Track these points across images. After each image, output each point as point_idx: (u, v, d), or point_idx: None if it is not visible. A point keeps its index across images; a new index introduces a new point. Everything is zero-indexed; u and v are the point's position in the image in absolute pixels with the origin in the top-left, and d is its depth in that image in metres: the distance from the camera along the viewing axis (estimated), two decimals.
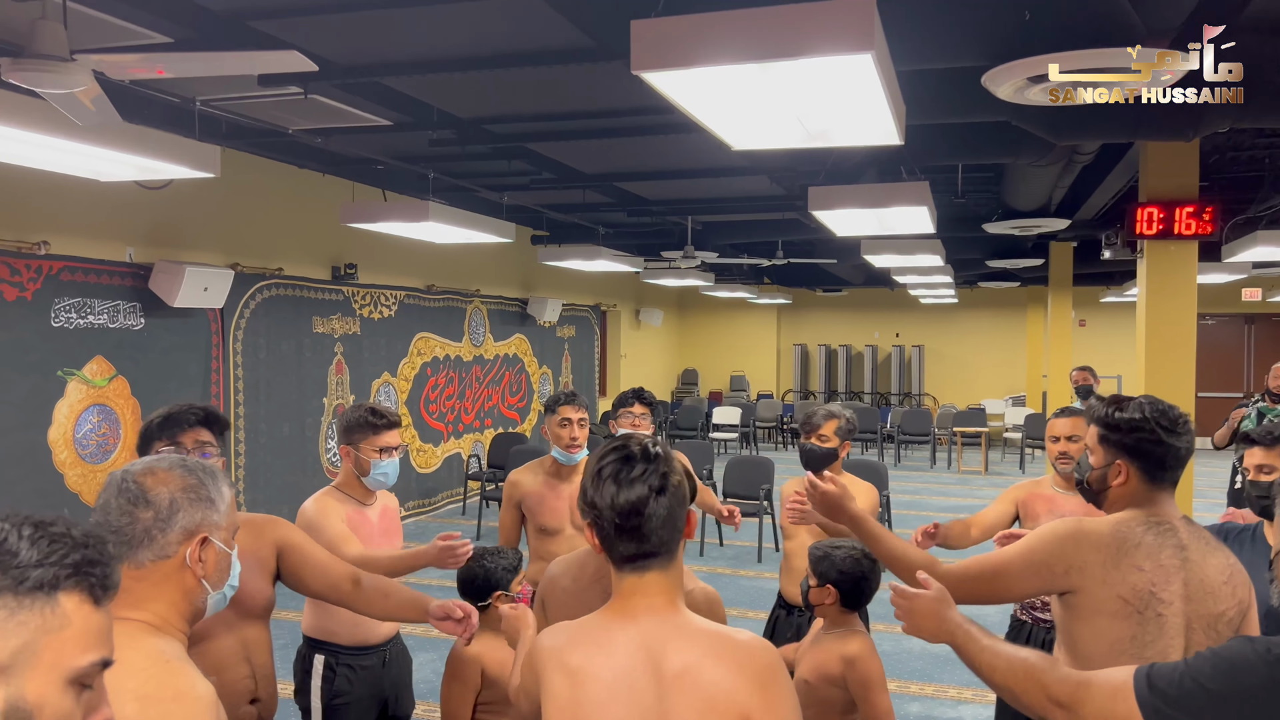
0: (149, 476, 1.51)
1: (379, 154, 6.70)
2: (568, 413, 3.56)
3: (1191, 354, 5.78)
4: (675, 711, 1.46)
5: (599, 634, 1.55)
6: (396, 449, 3.02)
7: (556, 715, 1.52)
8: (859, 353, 17.80)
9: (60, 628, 0.84)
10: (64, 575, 0.84)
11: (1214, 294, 13.65)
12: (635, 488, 1.50)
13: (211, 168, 4.41)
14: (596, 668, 1.51)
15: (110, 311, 6.16)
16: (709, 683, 1.46)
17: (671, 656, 1.49)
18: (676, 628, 1.51)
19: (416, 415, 9.58)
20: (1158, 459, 2.07)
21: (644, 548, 1.52)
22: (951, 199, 7.97)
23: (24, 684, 0.81)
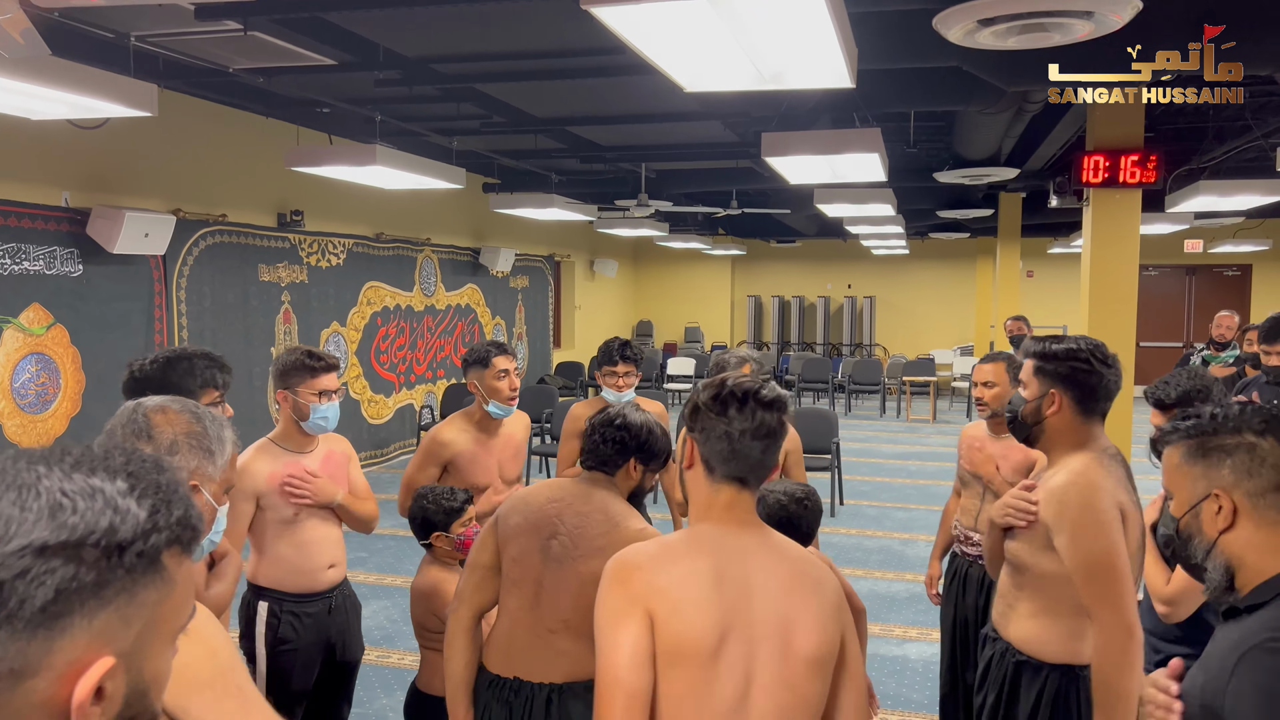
0: (160, 414, 1.52)
1: (324, 96, 6.53)
2: (504, 363, 3.40)
3: (1133, 301, 5.90)
4: (805, 612, 1.58)
5: (710, 543, 1.61)
6: (336, 392, 2.94)
7: (693, 618, 1.53)
8: (812, 304, 17.92)
9: (169, 594, 0.77)
10: (170, 539, 0.76)
11: (1157, 245, 13.93)
12: (773, 412, 1.62)
13: (148, 107, 4.27)
14: (726, 569, 1.57)
15: (46, 257, 5.98)
16: (821, 596, 1.61)
17: (783, 564, 1.61)
18: (774, 541, 1.66)
19: (367, 366, 9.48)
20: (1090, 388, 2.16)
21: (757, 467, 1.63)
22: (904, 148, 8.00)
23: (144, 664, 0.76)
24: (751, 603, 1.56)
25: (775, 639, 1.56)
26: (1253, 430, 1.41)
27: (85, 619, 0.71)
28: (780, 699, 1.55)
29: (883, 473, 9.58)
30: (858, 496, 8.45)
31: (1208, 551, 1.44)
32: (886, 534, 7.26)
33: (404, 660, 4.72)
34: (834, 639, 1.61)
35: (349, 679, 3.16)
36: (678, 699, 1.52)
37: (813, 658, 1.57)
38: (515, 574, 2.25)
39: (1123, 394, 5.92)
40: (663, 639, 1.52)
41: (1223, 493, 1.41)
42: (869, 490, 8.73)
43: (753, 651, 1.55)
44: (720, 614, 1.53)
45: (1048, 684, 2.19)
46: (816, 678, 1.59)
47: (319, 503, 2.90)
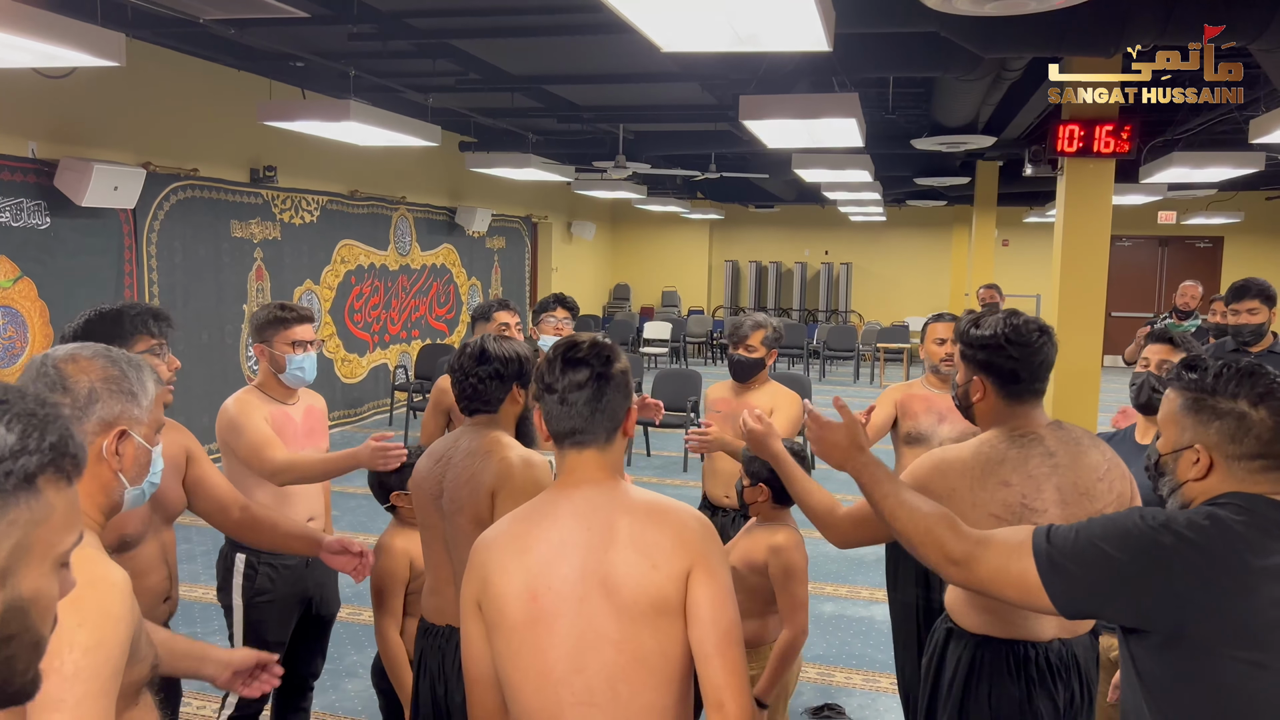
0: (70, 364, 1.45)
1: (297, 49, 6.43)
2: (505, 318, 3.57)
3: (1104, 271, 5.96)
4: (621, 568, 1.53)
5: (542, 508, 1.62)
6: (311, 343, 2.98)
7: (503, 583, 1.56)
8: (789, 269, 17.94)
9: (46, 518, 0.80)
10: (45, 463, 0.79)
11: (1130, 216, 14.03)
12: (581, 370, 1.61)
13: (116, 56, 4.18)
14: (543, 532, 1.58)
15: (13, 209, 5.88)
16: (652, 542, 1.55)
17: (616, 519, 1.57)
18: (617, 496, 1.61)
19: (341, 325, 9.43)
20: (1010, 373, 2.09)
21: (581, 425, 1.61)
22: (882, 114, 7.99)
23: (20, 582, 0.78)
24: (570, 561, 1.55)
25: (595, 595, 1.53)
26: (1248, 400, 1.50)
27: None
28: (608, 654, 1.52)
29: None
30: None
31: (1173, 490, 1.59)
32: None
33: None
34: (662, 585, 1.52)
35: (324, 633, 3.19)
36: (502, 664, 1.59)
37: (633, 608, 1.51)
38: (427, 536, 2.37)
39: (1090, 362, 6.01)
40: (484, 612, 1.60)
41: (1204, 449, 1.53)
42: None
43: (575, 610, 1.53)
44: (528, 578, 1.55)
45: (964, 652, 2.17)
46: (645, 629, 1.52)
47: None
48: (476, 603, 1.61)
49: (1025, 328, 2.11)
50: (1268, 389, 1.50)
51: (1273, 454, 1.49)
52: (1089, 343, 6.00)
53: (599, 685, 1.53)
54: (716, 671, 1.52)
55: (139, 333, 2.29)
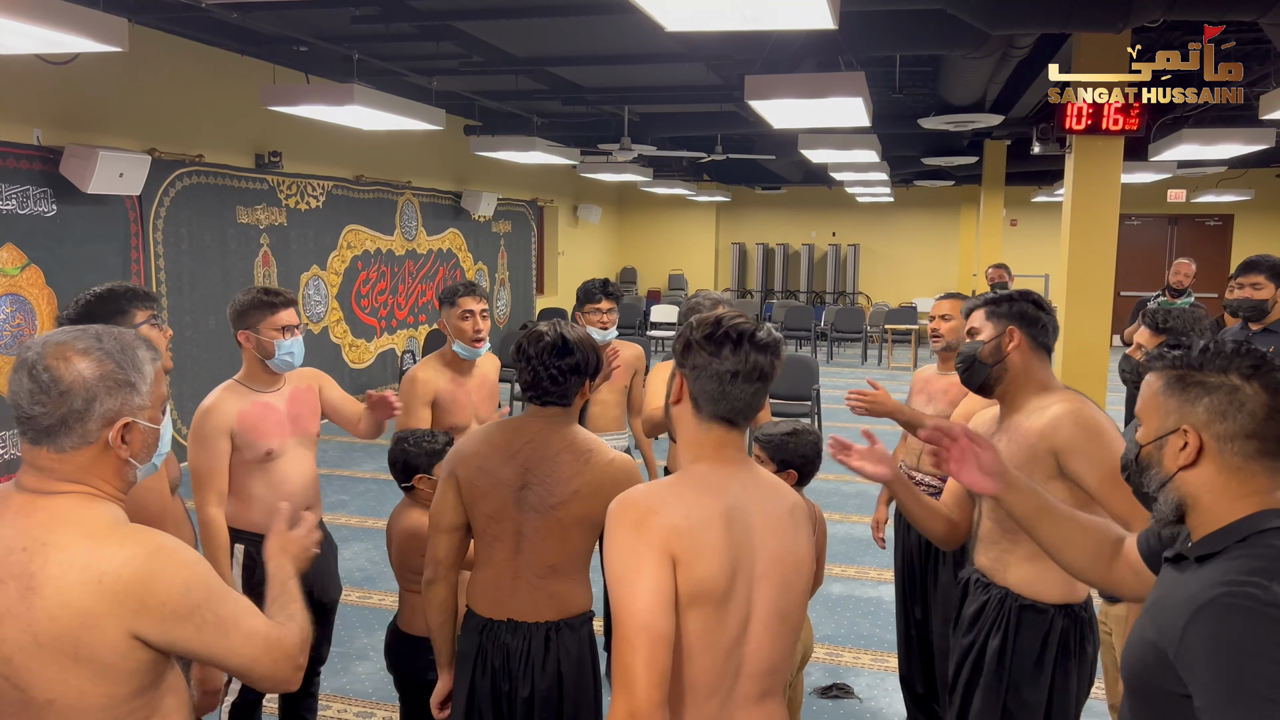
0: (61, 362, 1.41)
1: (300, 33, 6.41)
2: (469, 304, 3.34)
3: (1113, 250, 5.92)
4: (794, 545, 1.64)
5: (710, 482, 1.60)
6: (297, 327, 2.91)
7: (709, 558, 1.53)
8: (796, 251, 17.89)
9: None
10: None
11: (1139, 194, 13.94)
12: (767, 354, 1.60)
13: (119, 42, 4.18)
14: (731, 507, 1.58)
15: (19, 197, 5.89)
16: (804, 520, 1.68)
17: (780, 497, 1.67)
18: (765, 477, 1.70)
19: (348, 310, 9.43)
20: (1041, 324, 2.30)
21: (748, 407, 1.62)
22: (889, 94, 7.94)
23: None
24: (753, 541, 1.59)
25: (774, 574, 1.60)
26: (1239, 372, 1.36)
27: None
28: (774, 629, 1.61)
29: (863, 420, 9.64)
30: None
31: (1162, 484, 1.42)
32: (864, 480, 7.34)
33: (384, 601, 4.77)
34: (810, 564, 1.68)
35: (327, 619, 3.19)
36: (694, 637, 1.53)
37: (804, 587, 1.66)
38: (494, 530, 2.23)
39: (1100, 340, 5.98)
40: (684, 581, 1.50)
41: (1192, 430, 1.38)
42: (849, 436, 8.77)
43: (754, 587, 1.58)
44: (732, 555, 1.55)
45: (1053, 626, 2.25)
46: (803, 604, 1.68)
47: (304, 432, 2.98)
48: (670, 556, 1.50)
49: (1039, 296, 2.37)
50: (1260, 362, 1.36)
51: (1267, 434, 1.35)
52: (1098, 321, 5.97)
53: (758, 660, 1.61)
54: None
55: (135, 306, 2.30)
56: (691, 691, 1.56)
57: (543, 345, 2.22)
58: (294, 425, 2.95)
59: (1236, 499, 1.36)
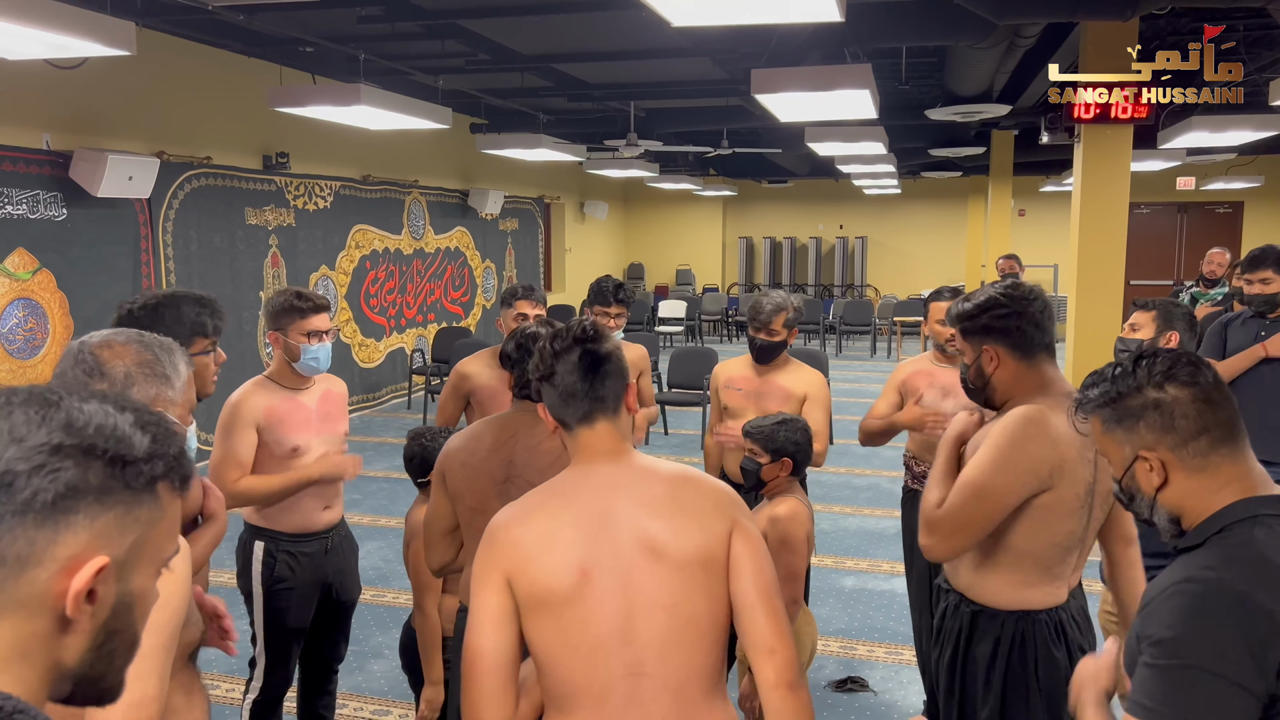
0: (106, 349, 1.50)
1: (306, 34, 6.42)
2: (525, 308, 3.51)
3: (1123, 239, 5.90)
4: (668, 532, 1.57)
5: (570, 483, 1.63)
6: (327, 333, 2.93)
7: (548, 562, 1.55)
8: (803, 245, 17.86)
9: (160, 520, 0.84)
10: (168, 470, 0.83)
11: (1148, 183, 13.87)
12: (571, 353, 1.64)
13: (127, 45, 4.19)
14: (581, 506, 1.59)
15: (30, 202, 5.92)
16: (693, 504, 1.60)
17: (652, 487, 1.61)
18: (642, 465, 1.65)
19: (357, 309, 9.46)
20: (1019, 330, 2.06)
21: (594, 397, 1.63)
22: (895, 85, 7.93)
23: (132, 578, 0.82)
24: (614, 533, 1.57)
25: (643, 563, 1.56)
26: (1154, 385, 1.43)
27: (88, 518, 0.78)
28: (660, 620, 1.56)
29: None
30: (848, 435, 8.50)
31: (1151, 507, 1.47)
32: (875, 472, 7.34)
33: (399, 599, 4.79)
34: (710, 544, 1.58)
35: (346, 618, 3.21)
36: (545, 641, 1.57)
37: (687, 567, 1.56)
38: (477, 523, 2.21)
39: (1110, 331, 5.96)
40: (520, 590, 1.57)
41: (1147, 453, 1.44)
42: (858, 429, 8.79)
43: (625, 580, 1.56)
44: (579, 553, 1.56)
45: (1004, 630, 2.12)
46: (696, 590, 1.57)
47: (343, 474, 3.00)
48: (505, 579, 1.57)
49: (1018, 284, 2.13)
50: (1165, 369, 1.43)
51: (1210, 425, 1.41)
52: (1108, 311, 5.95)
53: (650, 654, 1.56)
54: (763, 620, 1.57)
55: (197, 334, 2.26)
56: (581, 695, 1.57)
57: (528, 345, 2.30)
58: (323, 425, 2.98)
59: (1214, 493, 1.41)
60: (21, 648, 0.77)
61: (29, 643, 0.77)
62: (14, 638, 0.77)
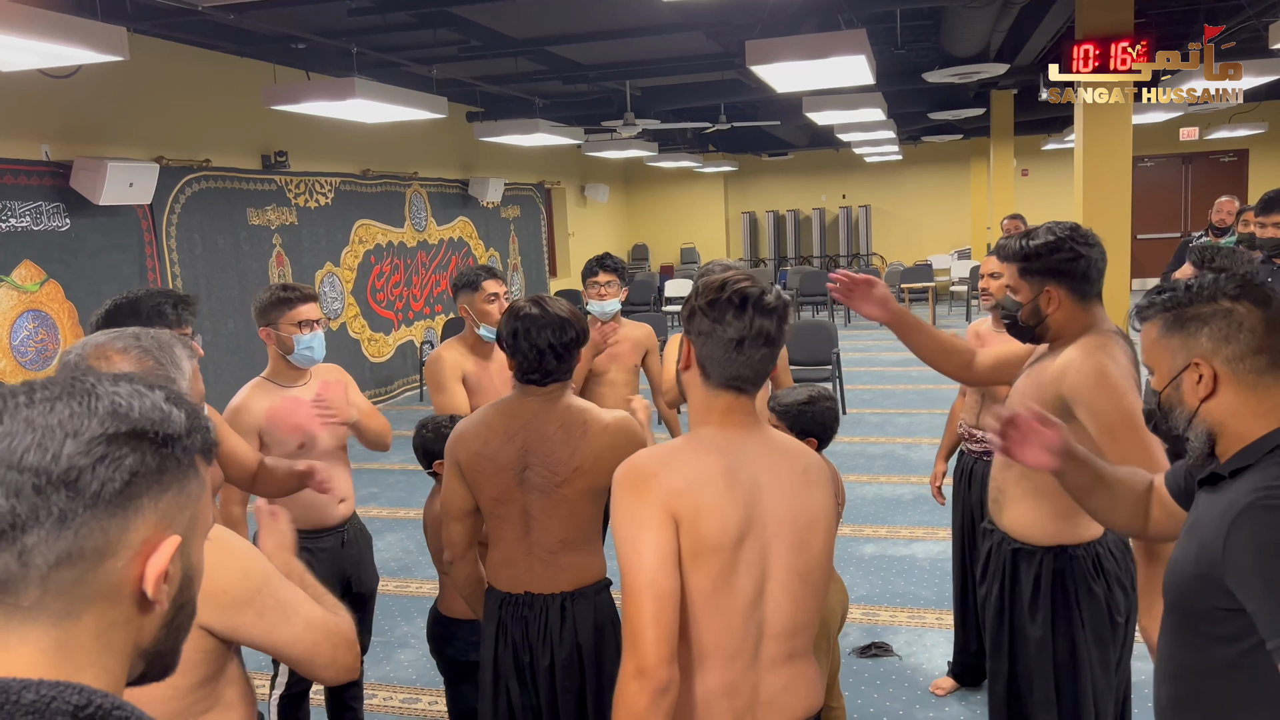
0: (102, 361, 1.47)
1: (298, 30, 6.40)
2: (493, 287, 3.39)
3: (1127, 193, 5.86)
4: (809, 505, 1.63)
5: (719, 445, 1.60)
6: (317, 321, 2.93)
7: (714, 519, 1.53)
8: (807, 216, 17.79)
9: (202, 492, 0.85)
10: (201, 444, 0.84)
11: (1151, 135, 13.76)
12: (769, 318, 1.57)
13: (119, 51, 4.19)
14: (743, 469, 1.58)
15: (33, 213, 5.94)
16: (821, 480, 1.66)
17: (797, 462, 1.65)
18: (776, 440, 1.68)
19: (364, 304, 9.47)
20: (1081, 273, 2.12)
21: (754, 372, 1.60)
22: (891, 50, 7.86)
23: (193, 551, 0.84)
24: (763, 501, 1.58)
25: (788, 534, 1.59)
26: (1227, 296, 1.41)
27: (153, 501, 0.79)
28: (794, 589, 1.61)
29: (884, 380, 9.64)
30: (860, 405, 8.52)
31: (1189, 421, 1.46)
32: (890, 439, 7.34)
33: (421, 589, 4.82)
34: (834, 524, 1.69)
35: (366, 609, 3.23)
36: (704, 593, 1.54)
37: (823, 547, 1.65)
38: (501, 511, 2.26)
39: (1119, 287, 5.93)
40: (687, 539, 1.52)
41: (1202, 360, 1.42)
42: (871, 398, 8.79)
43: (767, 547, 1.58)
44: (738, 513, 1.55)
45: (1043, 568, 2.23)
46: (825, 563, 1.66)
47: (341, 420, 2.93)
48: (674, 521, 1.53)
49: (1079, 227, 2.15)
50: (1241, 284, 1.42)
51: (1273, 346, 1.40)
52: (1116, 267, 5.92)
53: (779, 619, 1.61)
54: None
55: (154, 323, 2.27)
56: (714, 653, 1.57)
57: (539, 325, 2.21)
58: (323, 418, 2.98)
59: (1260, 416, 1.41)
60: (105, 639, 0.78)
61: (111, 632, 0.78)
62: (97, 629, 0.77)
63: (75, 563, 0.75)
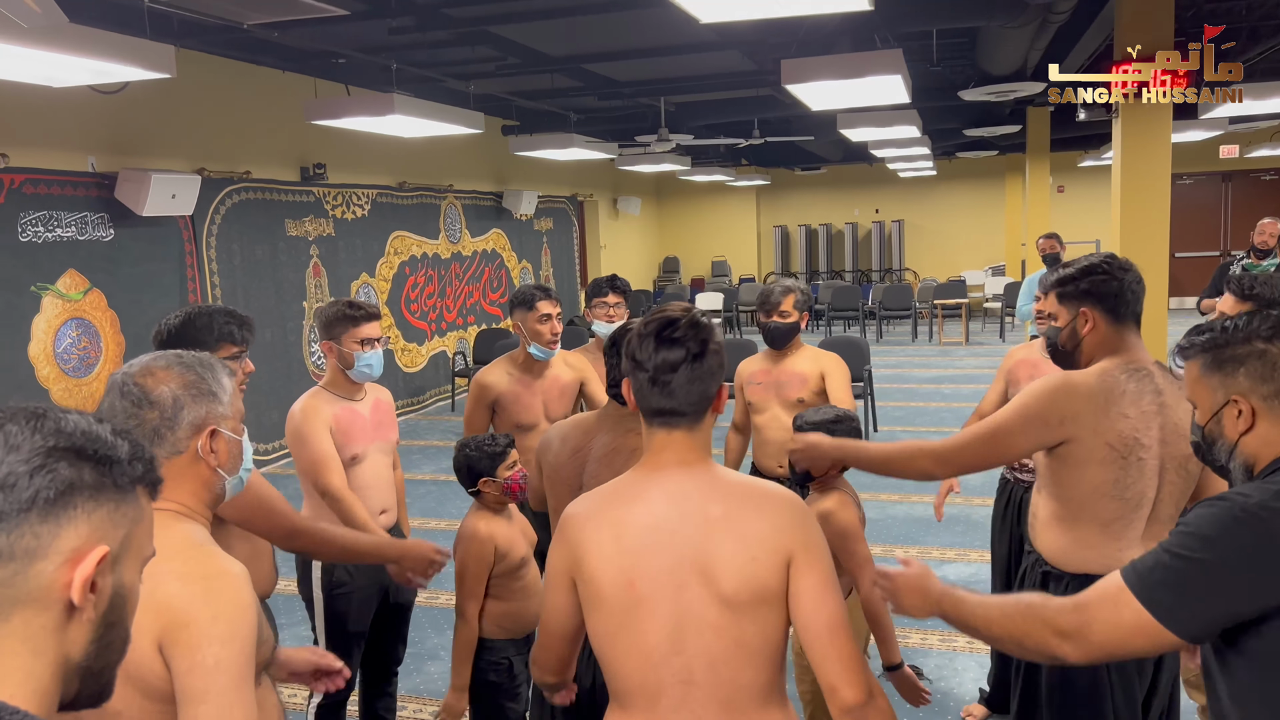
0: (148, 378, 1.51)
1: (339, 46, 6.50)
2: (547, 308, 3.48)
3: (1166, 212, 5.80)
4: (721, 552, 1.52)
5: (633, 488, 1.62)
6: (379, 340, 3.01)
7: (599, 567, 1.57)
8: (839, 231, 17.74)
9: (141, 520, 0.92)
10: (143, 474, 0.92)
11: (1191, 153, 13.60)
12: (675, 349, 1.57)
13: (167, 68, 4.28)
14: (636, 516, 1.57)
15: (78, 223, 6.07)
16: (750, 530, 1.53)
17: (710, 503, 1.56)
18: (710, 479, 1.60)
19: (398, 315, 9.57)
20: (1116, 295, 2.20)
21: (673, 405, 1.58)
22: (927, 68, 7.85)
23: (124, 571, 0.90)
24: (667, 549, 1.54)
25: (692, 583, 1.53)
26: (1261, 338, 1.51)
27: (85, 513, 0.86)
28: (708, 642, 1.53)
29: (916, 397, 9.58)
30: (891, 422, 8.47)
31: (1230, 453, 1.55)
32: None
33: (452, 601, 4.84)
34: (762, 576, 1.52)
35: (403, 620, 3.27)
36: (598, 640, 1.61)
37: (734, 600, 1.52)
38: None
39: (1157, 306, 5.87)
40: (581, 588, 1.61)
41: (1240, 398, 1.51)
42: (903, 415, 8.74)
43: (674, 595, 1.54)
44: (628, 563, 1.55)
45: (1066, 591, 2.17)
46: (745, 618, 1.53)
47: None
48: (569, 576, 1.62)
49: (1116, 255, 2.27)
50: (1274, 325, 1.51)
51: None
52: (1154, 286, 5.83)
53: (699, 665, 1.55)
54: (826, 658, 1.52)
55: (225, 340, 2.35)
56: (631, 695, 1.60)
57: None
58: (376, 433, 3.04)
59: None
60: (33, 642, 0.83)
61: (39, 636, 0.83)
62: (25, 632, 0.83)
63: (6, 562, 0.82)
